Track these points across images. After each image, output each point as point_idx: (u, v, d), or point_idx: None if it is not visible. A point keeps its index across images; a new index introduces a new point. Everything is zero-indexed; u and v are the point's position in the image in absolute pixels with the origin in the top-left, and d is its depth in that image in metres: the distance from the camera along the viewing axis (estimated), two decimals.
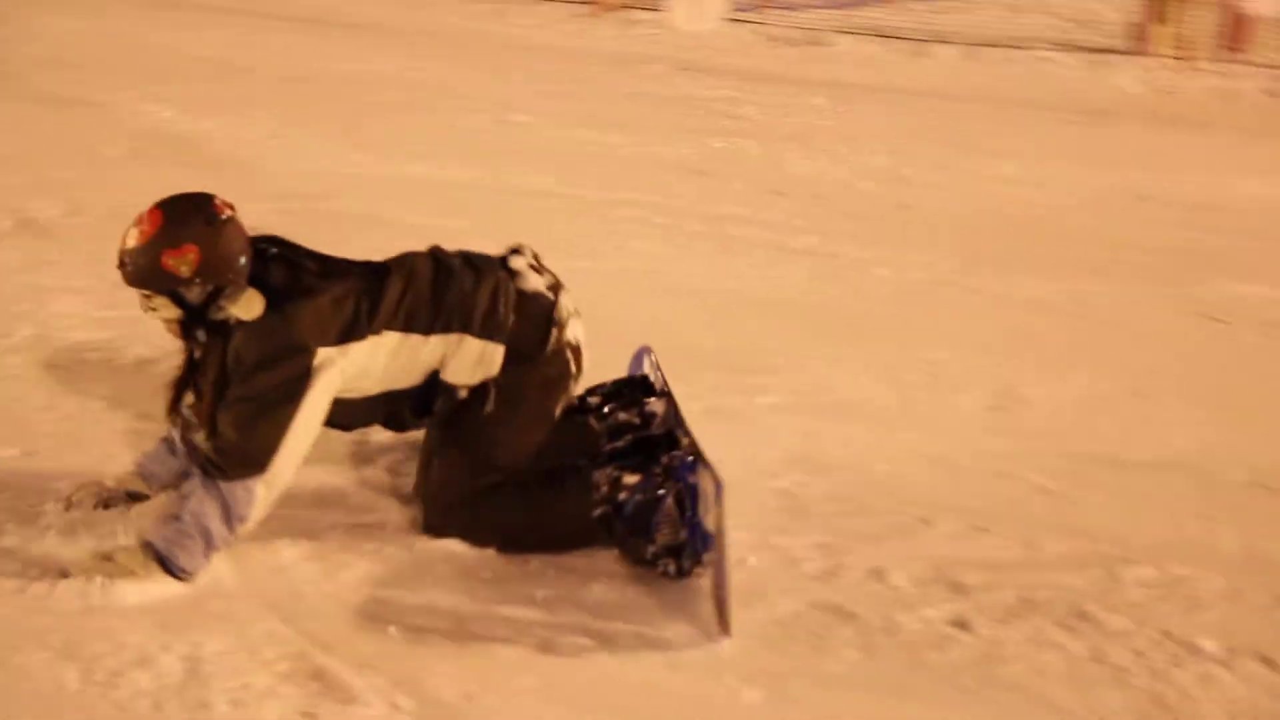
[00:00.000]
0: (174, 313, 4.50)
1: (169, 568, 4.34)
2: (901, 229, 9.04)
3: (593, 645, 4.25)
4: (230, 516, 4.38)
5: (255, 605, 4.37)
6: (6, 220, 7.88)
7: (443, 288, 4.72)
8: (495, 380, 4.74)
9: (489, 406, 4.73)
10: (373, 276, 4.65)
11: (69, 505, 4.74)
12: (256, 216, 8.14)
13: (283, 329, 4.46)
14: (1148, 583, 4.78)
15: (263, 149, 9.95)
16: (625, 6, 18.57)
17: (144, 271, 4.42)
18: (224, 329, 4.48)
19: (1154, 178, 10.80)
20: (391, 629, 4.26)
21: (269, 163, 9.65)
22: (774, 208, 9.28)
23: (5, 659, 4.00)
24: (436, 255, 4.85)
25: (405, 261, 4.76)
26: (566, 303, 4.88)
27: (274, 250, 4.63)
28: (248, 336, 4.44)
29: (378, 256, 4.39)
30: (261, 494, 4.41)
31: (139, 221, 4.44)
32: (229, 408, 4.44)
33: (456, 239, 8.08)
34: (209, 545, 4.38)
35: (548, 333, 4.79)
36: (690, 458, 4.69)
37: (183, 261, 4.39)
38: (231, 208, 4.54)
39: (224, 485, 4.37)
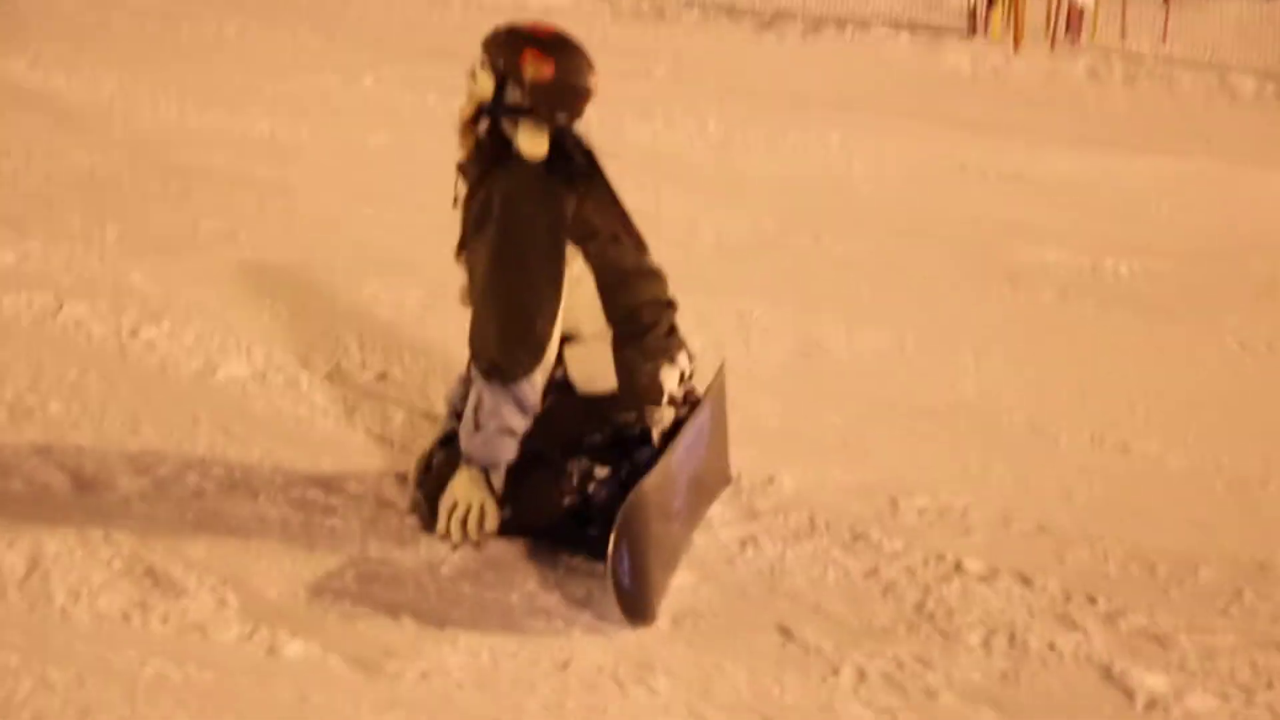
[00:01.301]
0: (487, 91, 4.65)
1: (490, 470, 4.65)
2: (728, 192, 9.32)
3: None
4: (525, 409, 4.62)
5: (91, 513, 4.67)
6: None
7: (643, 289, 4.86)
8: (562, 389, 4.80)
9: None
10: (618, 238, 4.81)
11: (460, 542, 4.70)
12: (105, 165, 8.46)
13: (546, 181, 4.63)
14: (924, 510, 5.17)
15: (112, 103, 10.05)
16: None
17: (503, 44, 4.64)
18: (501, 152, 4.67)
19: (974, 151, 11.11)
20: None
21: (119, 116, 9.78)
22: (608, 169, 9.55)
23: None
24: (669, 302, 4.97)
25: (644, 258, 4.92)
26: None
27: (583, 147, 4.78)
28: (514, 171, 4.63)
29: (218, 205, 4.60)
30: (540, 380, 4.64)
31: (548, 25, 4.71)
32: (489, 296, 4.62)
33: (298, 191, 8.39)
34: (516, 438, 4.64)
35: (640, 407, 4.81)
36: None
37: (536, 66, 4.59)
38: (595, 87, 4.69)
39: (512, 386, 4.59)
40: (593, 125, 4.86)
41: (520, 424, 4.65)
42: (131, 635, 4.01)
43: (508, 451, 4.66)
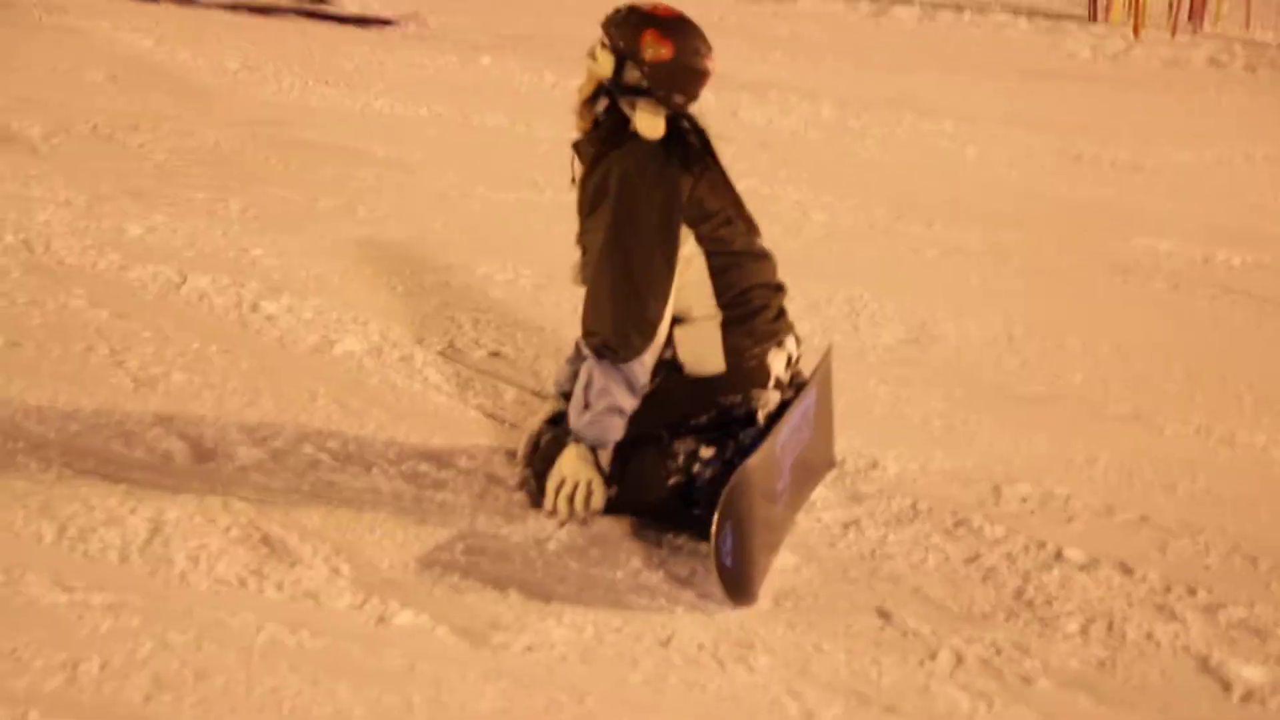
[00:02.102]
0: (606, 70, 4.69)
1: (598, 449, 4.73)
2: (840, 177, 9.34)
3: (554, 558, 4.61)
4: (635, 389, 4.70)
5: (210, 481, 4.79)
6: None
7: (754, 272, 4.90)
8: (671, 369, 4.84)
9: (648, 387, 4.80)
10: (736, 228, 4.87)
11: (566, 519, 4.77)
12: (228, 140, 8.62)
13: (663, 161, 4.67)
14: (1026, 497, 5.17)
15: (235, 79, 10.22)
16: None
17: (624, 23, 4.69)
18: (618, 131, 4.73)
19: (1089, 140, 11.09)
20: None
21: (241, 91, 9.93)
22: (721, 153, 9.60)
23: None
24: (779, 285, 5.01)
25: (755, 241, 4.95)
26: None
27: (694, 121, 4.82)
28: (631, 151, 4.67)
29: (337, 182, 4.67)
30: (650, 360, 4.71)
31: (668, 6, 4.73)
32: (603, 274, 4.68)
33: (416, 170, 8.50)
34: (624, 417, 4.72)
35: (746, 390, 4.85)
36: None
37: (655, 47, 4.63)
38: (712, 70, 4.71)
39: (623, 366, 4.67)
40: (709, 107, 4.90)
41: (629, 404, 4.71)
42: (247, 601, 4.12)
43: (616, 431, 4.73)
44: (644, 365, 4.72)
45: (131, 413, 5.21)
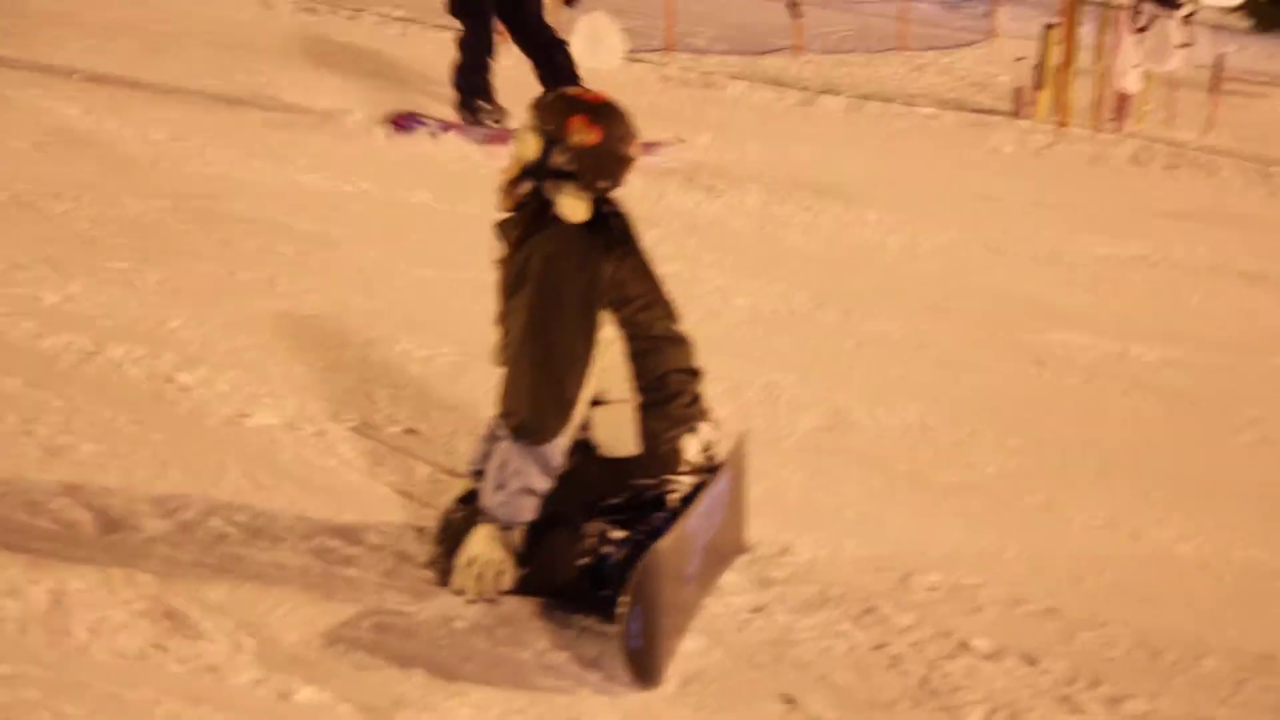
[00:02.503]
0: (533, 152, 4.75)
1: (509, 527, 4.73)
2: (763, 263, 9.37)
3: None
4: (549, 470, 4.71)
5: (115, 552, 4.75)
6: None
7: (671, 357, 4.95)
8: (585, 450, 4.85)
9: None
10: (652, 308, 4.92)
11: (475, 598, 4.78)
12: (151, 212, 8.58)
13: (585, 245, 4.74)
14: (935, 587, 5.22)
15: (161, 150, 10.15)
16: None
17: (552, 107, 4.79)
18: (542, 214, 4.78)
19: (1010, 232, 11.17)
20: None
21: (166, 163, 9.87)
22: (645, 236, 9.63)
23: None
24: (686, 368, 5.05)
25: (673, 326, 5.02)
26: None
27: (620, 214, 4.91)
28: (555, 234, 4.73)
29: (259, 255, 4.62)
30: (564, 442, 4.73)
31: (596, 92, 4.89)
32: (523, 356, 4.72)
33: (339, 245, 8.50)
34: (537, 498, 4.73)
35: (659, 473, 4.91)
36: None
37: (582, 132, 4.72)
38: (636, 157, 4.84)
39: (539, 448, 4.68)
40: (636, 191, 4.94)
41: (543, 485, 4.73)
42: (148, 674, 4.09)
43: (528, 511, 4.74)
44: (559, 447, 4.73)
45: (37, 482, 5.17)
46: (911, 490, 6.12)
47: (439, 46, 17.70)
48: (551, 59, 12.38)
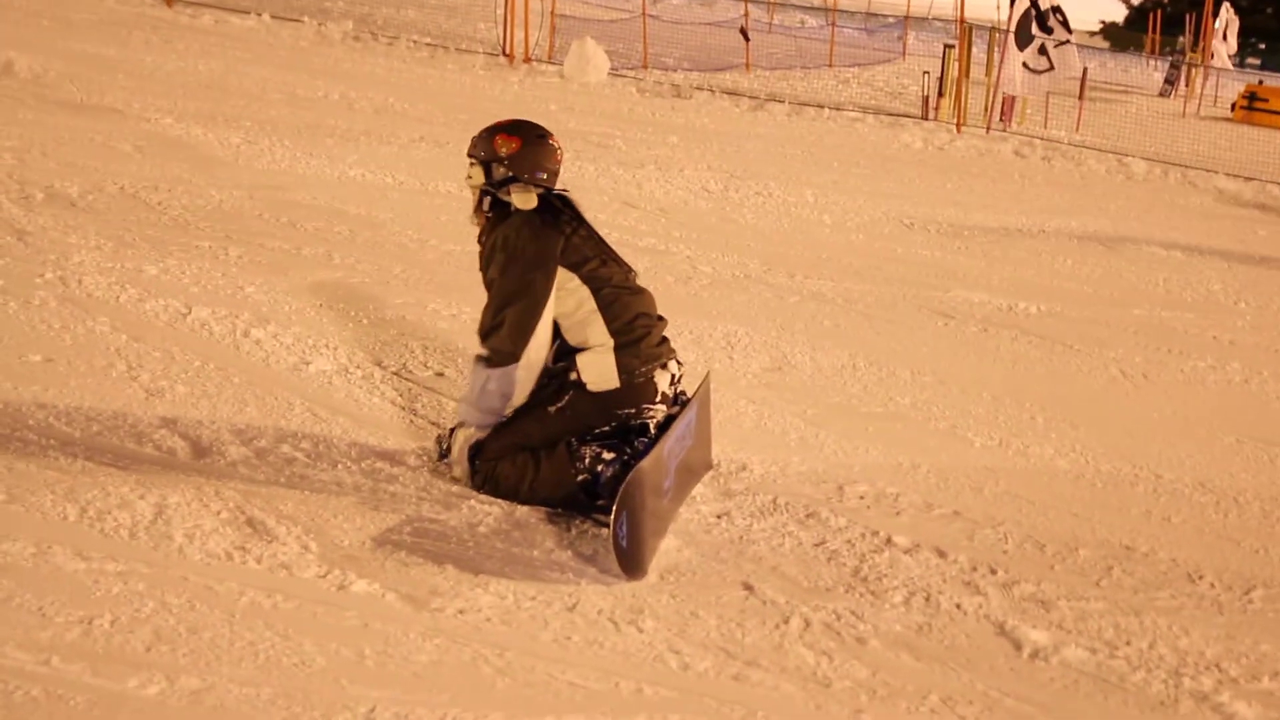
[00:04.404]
0: (480, 178, 4.91)
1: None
2: (722, 237, 9.33)
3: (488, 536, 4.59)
4: (506, 391, 4.82)
5: (205, 473, 4.70)
6: (40, 193, 7.99)
7: (634, 304, 4.91)
8: (577, 388, 4.82)
9: (559, 403, 4.82)
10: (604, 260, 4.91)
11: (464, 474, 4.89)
12: (230, 200, 8.51)
13: (536, 223, 4.83)
14: (864, 495, 5.19)
15: (238, 151, 10.08)
16: (529, 60, 18.78)
17: (478, 140, 4.92)
18: (503, 213, 4.89)
19: (919, 211, 11.17)
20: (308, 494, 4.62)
21: (242, 160, 9.80)
22: (627, 216, 9.59)
23: (21, 497, 4.30)
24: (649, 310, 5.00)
25: (630, 279, 4.97)
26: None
27: (564, 196, 4.98)
28: (513, 220, 4.85)
29: (317, 234, 4.60)
30: (521, 375, 4.81)
31: (508, 118, 5.03)
32: (491, 301, 4.82)
33: (382, 226, 8.41)
34: (500, 407, 4.85)
35: (638, 404, 4.85)
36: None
37: (506, 144, 4.86)
38: (559, 148, 4.96)
39: (495, 370, 4.77)
40: (620, 180, 4.88)
41: (499, 403, 4.84)
42: (233, 571, 4.04)
43: (493, 417, 4.86)
44: (509, 373, 4.81)
45: (142, 417, 5.11)
46: (843, 418, 6.08)
47: (461, 65, 17.71)
48: None
